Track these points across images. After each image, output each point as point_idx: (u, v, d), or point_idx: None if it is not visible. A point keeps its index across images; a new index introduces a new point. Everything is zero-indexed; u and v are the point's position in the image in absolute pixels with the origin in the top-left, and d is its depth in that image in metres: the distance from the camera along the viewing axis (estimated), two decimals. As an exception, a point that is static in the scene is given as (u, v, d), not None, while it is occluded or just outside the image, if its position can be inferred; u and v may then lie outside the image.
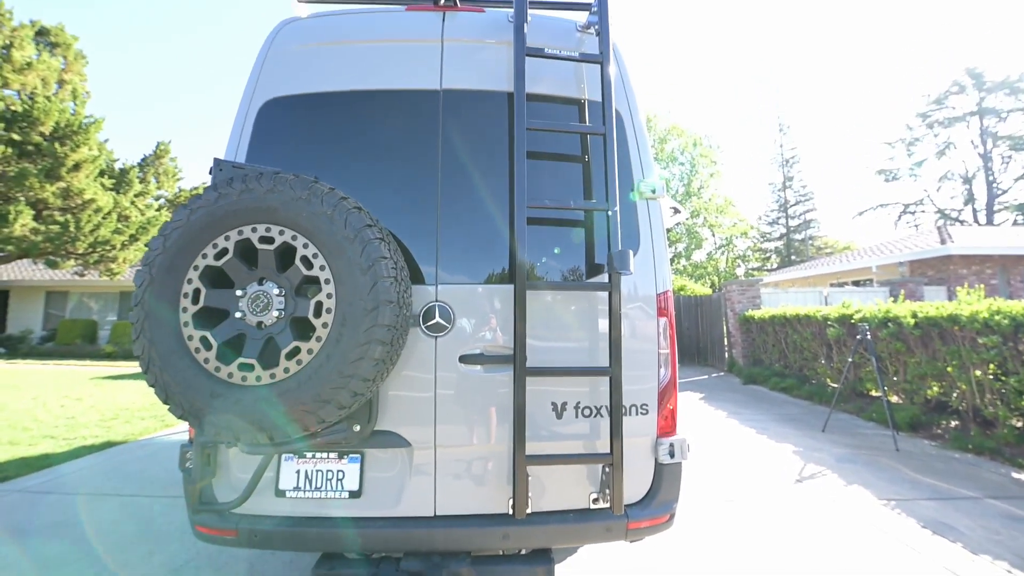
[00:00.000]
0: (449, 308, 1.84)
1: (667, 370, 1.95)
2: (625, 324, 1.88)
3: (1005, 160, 29.95)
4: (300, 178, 1.59)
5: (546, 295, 1.88)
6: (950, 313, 5.56)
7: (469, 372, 1.83)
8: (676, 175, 30.86)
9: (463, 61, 2.07)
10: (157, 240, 1.58)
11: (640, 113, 2.14)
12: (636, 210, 2.00)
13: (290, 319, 1.52)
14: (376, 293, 1.49)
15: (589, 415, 1.86)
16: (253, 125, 2.03)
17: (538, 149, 1.98)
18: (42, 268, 17.27)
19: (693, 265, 31.01)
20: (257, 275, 1.54)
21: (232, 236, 1.56)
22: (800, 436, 5.82)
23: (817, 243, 35.44)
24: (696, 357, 13.67)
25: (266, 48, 2.13)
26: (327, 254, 1.52)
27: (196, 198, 1.60)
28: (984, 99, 29.91)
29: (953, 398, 5.82)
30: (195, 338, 1.52)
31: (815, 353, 8.47)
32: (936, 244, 13.59)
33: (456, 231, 1.91)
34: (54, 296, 20.12)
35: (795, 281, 19.40)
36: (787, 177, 36.90)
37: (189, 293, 1.54)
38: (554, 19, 2.19)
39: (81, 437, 5.70)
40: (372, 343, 1.47)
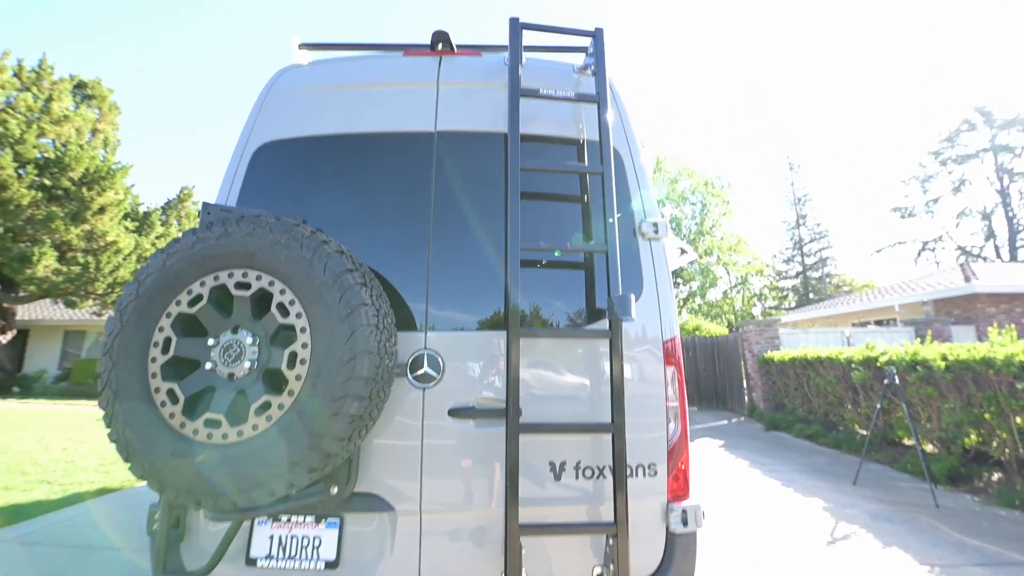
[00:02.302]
0: (439, 356, 1.72)
1: (677, 424, 1.78)
2: (629, 374, 1.74)
3: (1023, 196, 29.51)
4: (281, 221, 1.52)
5: (542, 343, 1.75)
6: (983, 356, 5.24)
7: (459, 427, 1.69)
8: (688, 214, 30.93)
9: (458, 103, 2.04)
10: (131, 286, 1.51)
11: (641, 152, 2.07)
12: (638, 251, 1.89)
13: (263, 371, 1.41)
14: (354, 342, 1.38)
15: (591, 476, 1.69)
16: (247, 169, 2.00)
17: (534, 190, 1.91)
18: (61, 308, 17.64)
19: (708, 304, 30.51)
20: (231, 323, 1.45)
21: (208, 282, 1.48)
22: (829, 490, 5.41)
23: (835, 281, 34.79)
24: (714, 401, 13.15)
25: (264, 93, 2.14)
26: (304, 301, 1.43)
27: (174, 242, 1.54)
28: (996, 136, 29.83)
29: (993, 447, 5.40)
30: (162, 391, 1.42)
31: (840, 398, 8.05)
32: (960, 282, 13.17)
33: (448, 275, 1.82)
34: (72, 336, 20.46)
35: (814, 321, 18.88)
36: (800, 215, 36.76)
37: (159, 342, 1.45)
38: (550, 62, 2.17)
39: (78, 483, 5.56)
40: (348, 398, 1.35)
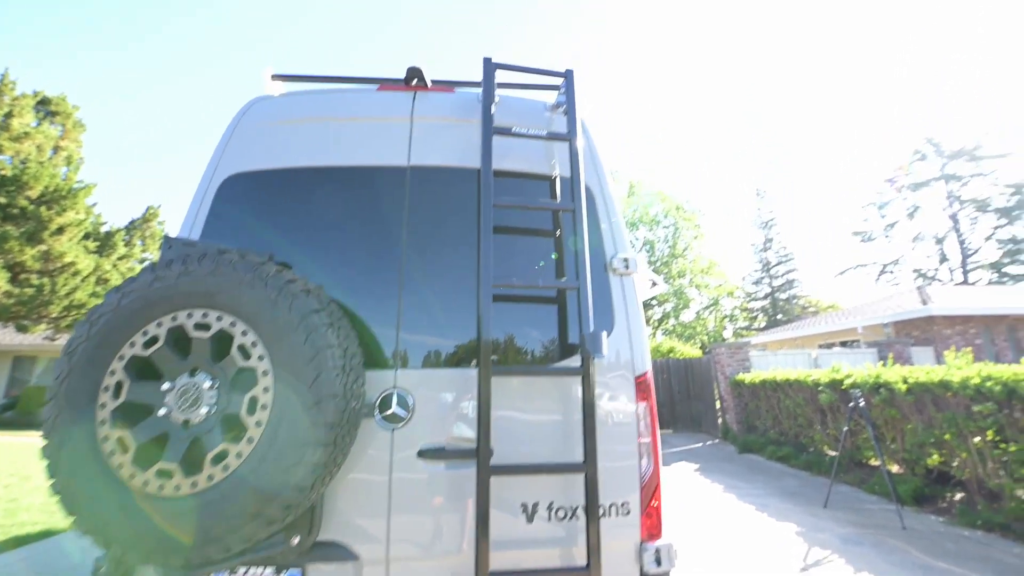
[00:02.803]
0: (408, 395, 1.68)
1: (650, 461, 1.78)
2: (601, 411, 1.73)
3: (972, 221, 31.32)
4: (245, 259, 1.48)
5: (514, 380, 1.73)
6: (941, 379, 5.45)
7: (429, 469, 1.64)
8: (661, 237, 31.66)
9: (432, 138, 2.05)
10: (82, 327, 1.43)
11: (611, 188, 2.11)
12: (610, 287, 1.91)
13: (220, 417, 1.35)
14: (319, 386, 1.33)
15: (564, 517, 1.66)
16: (212, 200, 1.95)
17: (507, 225, 1.92)
18: (11, 331, 16.68)
19: (682, 325, 31.04)
20: (188, 366, 1.39)
21: (165, 323, 1.42)
22: (802, 513, 5.47)
23: (801, 302, 35.92)
24: (689, 423, 13.26)
25: (234, 124, 2.10)
26: (267, 342, 1.38)
27: (130, 281, 1.47)
28: (945, 165, 31.74)
29: (955, 467, 5.58)
30: (111, 439, 1.34)
31: (809, 419, 8.23)
32: (918, 305, 13.78)
33: (419, 311, 1.79)
34: (22, 361, 19.24)
35: (783, 342, 19.39)
36: (767, 239, 38.04)
37: (110, 387, 1.37)
38: (523, 99, 2.21)
39: (19, 524, 5.16)
40: (311, 445, 1.30)
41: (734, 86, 63.21)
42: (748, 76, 62.64)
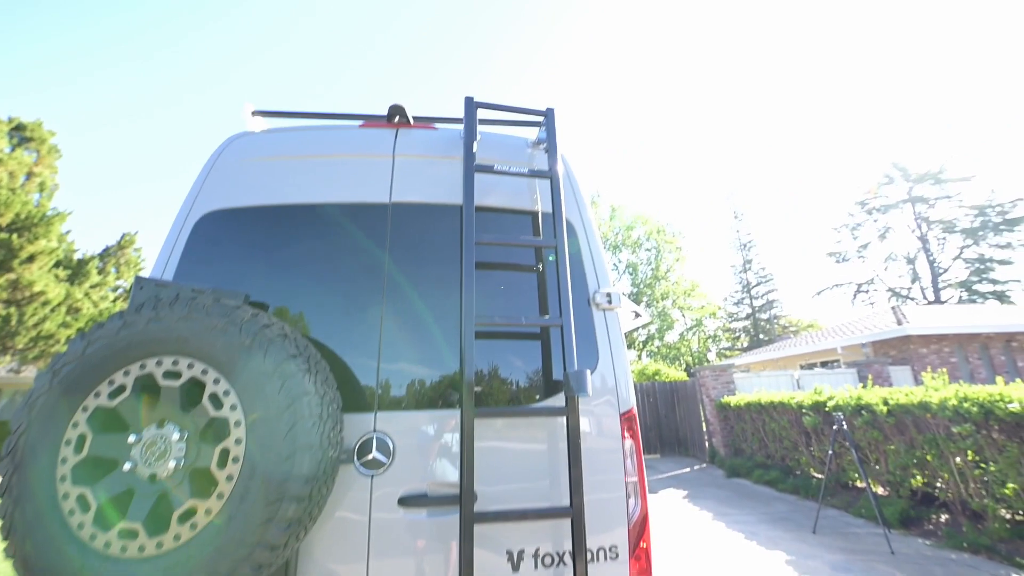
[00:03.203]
0: (389, 439, 1.63)
1: (637, 501, 1.74)
2: (586, 451, 1.69)
3: (941, 242, 32.47)
4: (220, 303, 1.44)
5: (498, 421, 1.70)
6: (920, 400, 5.54)
7: (409, 518, 1.58)
8: (643, 260, 32.12)
9: (414, 175, 2.05)
10: (44, 377, 1.37)
11: (593, 222, 2.13)
12: (593, 322, 1.90)
13: (189, 471, 1.29)
14: (294, 437, 1.28)
15: (551, 564, 1.61)
16: (188, 238, 1.91)
17: (490, 261, 1.92)
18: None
19: (667, 346, 31.25)
20: (156, 416, 1.33)
21: (133, 371, 1.36)
22: (791, 540, 5.43)
23: (782, 322, 36.53)
24: (676, 447, 13.19)
25: (212, 161, 2.08)
26: (240, 391, 1.33)
27: (97, 327, 1.41)
28: (912, 188, 33.05)
29: (939, 489, 5.63)
30: (71, 497, 1.26)
31: (795, 442, 8.26)
32: (894, 325, 14.11)
33: (400, 350, 1.76)
34: (-15, 395, 18.41)
35: (765, 363, 19.60)
36: (746, 260, 38.84)
37: (72, 440, 1.30)
38: (505, 136, 2.24)
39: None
40: (285, 500, 1.24)
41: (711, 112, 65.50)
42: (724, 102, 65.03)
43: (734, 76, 62.66)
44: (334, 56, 64.76)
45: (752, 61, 61.76)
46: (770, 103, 63.37)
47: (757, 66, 62.33)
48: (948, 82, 49.63)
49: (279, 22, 57.55)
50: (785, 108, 63.07)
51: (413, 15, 58.81)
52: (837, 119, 58.10)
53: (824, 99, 59.98)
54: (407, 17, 59.25)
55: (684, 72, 63.62)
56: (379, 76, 67.14)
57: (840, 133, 56.32)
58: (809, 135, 59.58)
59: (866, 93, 56.71)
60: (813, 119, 60.79)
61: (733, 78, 63.12)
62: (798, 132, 61.14)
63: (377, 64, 64.75)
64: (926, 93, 51.36)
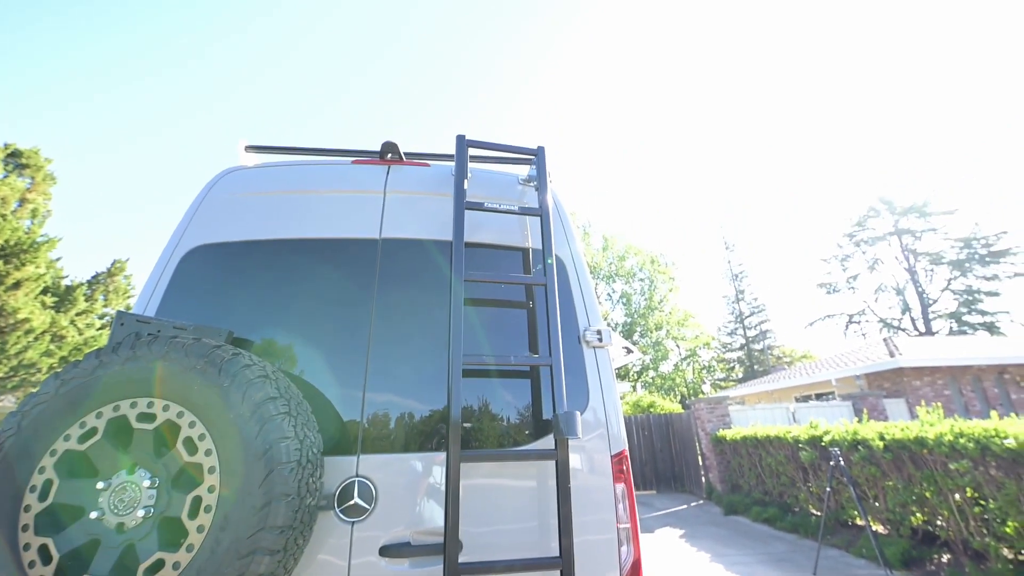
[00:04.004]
0: (371, 484, 1.57)
1: (629, 548, 1.68)
2: (576, 496, 1.64)
3: (928, 273, 32.95)
4: (200, 342, 1.40)
5: (484, 465, 1.65)
6: (916, 436, 5.49)
7: (391, 569, 1.50)
8: (637, 290, 32.29)
9: (405, 211, 2.05)
10: (12, 418, 1.31)
11: (583, 259, 2.13)
12: (583, 360, 1.88)
13: (159, 519, 1.23)
14: (270, 484, 1.23)
15: (540, 618, 1.53)
16: (173, 273, 1.88)
17: (479, 297, 1.90)
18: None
19: (661, 376, 31.05)
20: (128, 461, 1.27)
21: (106, 413, 1.31)
22: (791, 582, 5.25)
23: (775, 352, 36.51)
24: (672, 483, 12.89)
25: (202, 195, 2.07)
26: (216, 435, 1.28)
27: (71, 367, 1.37)
28: (898, 221, 33.75)
29: (939, 527, 5.50)
30: (32, 547, 1.20)
31: (792, 478, 8.11)
32: (886, 357, 14.12)
33: (385, 390, 1.71)
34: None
35: (760, 395, 19.47)
36: (739, 290, 39.12)
37: (38, 486, 1.25)
38: (496, 173, 2.26)
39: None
40: (257, 554, 1.18)
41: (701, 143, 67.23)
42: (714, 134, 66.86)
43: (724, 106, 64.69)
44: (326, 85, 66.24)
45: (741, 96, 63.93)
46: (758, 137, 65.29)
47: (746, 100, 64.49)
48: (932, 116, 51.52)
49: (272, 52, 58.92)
50: (772, 142, 65.01)
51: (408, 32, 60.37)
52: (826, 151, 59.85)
53: (813, 132, 61.94)
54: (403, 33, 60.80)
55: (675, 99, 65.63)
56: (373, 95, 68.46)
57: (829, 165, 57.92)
58: (797, 167, 61.23)
59: (854, 126, 58.66)
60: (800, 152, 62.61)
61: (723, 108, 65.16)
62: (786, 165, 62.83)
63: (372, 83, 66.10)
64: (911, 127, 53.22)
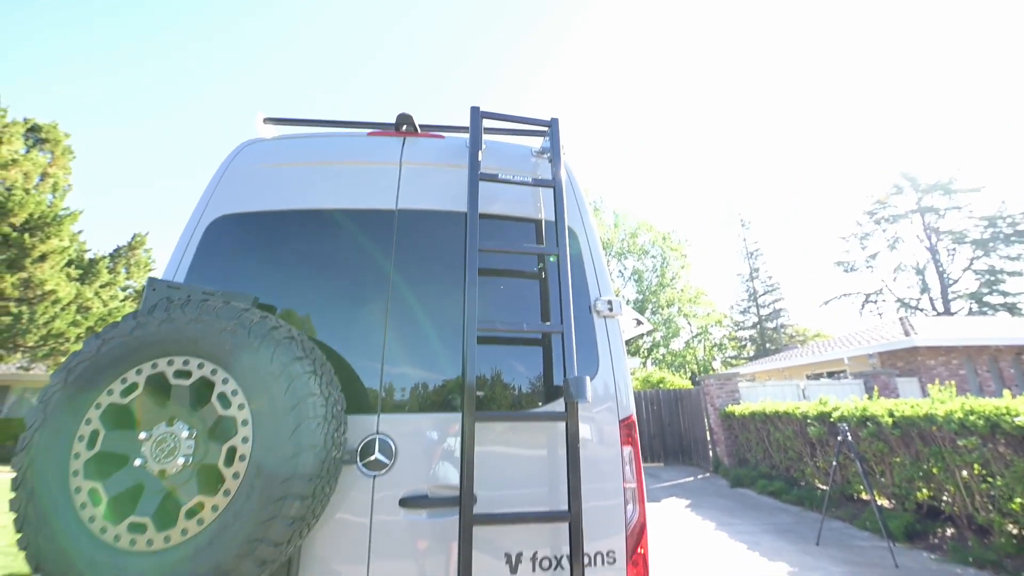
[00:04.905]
0: (391, 441, 1.66)
1: (635, 507, 1.76)
2: (585, 456, 1.72)
3: (950, 252, 32.19)
4: (229, 306, 1.48)
5: (498, 425, 1.73)
6: (926, 413, 5.50)
7: (410, 519, 1.61)
8: (649, 267, 32.08)
9: (420, 183, 2.09)
10: (59, 374, 1.41)
11: (595, 230, 2.16)
12: (594, 329, 1.93)
13: (197, 467, 1.32)
14: (299, 436, 1.32)
15: (549, 567, 1.62)
16: (200, 241, 1.96)
17: (493, 268, 1.95)
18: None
19: (672, 354, 31.12)
20: (167, 414, 1.37)
21: (145, 370, 1.40)
22: (794, 551, 5.39)
23: (789, 331, 36.29)
24: (680, 456, 13.11)
25: (224, 166, 2.13)
26: (248, 391, 1.37)
27: (111, 327, 1.46)
28: (921, 199, 32.83)
29: (944, 502, 5.57)
30: (83, 491, 1.30)
31: (799, 453, 8.20)
32: (901, 336, 13.98)
33: (403, 354, 1.79)
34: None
35: (771, 373, 19.46)
36: (753, 268, 38.70)
37: (85, 436, 1.34)
38: (510, 145, 2.28)
39: (-20, 569, 4.89)
40: (288, 498, 1.27)
41: (719, 118, 65.52)
42: (733, 108, 65.07)
43: (742, 83, 62.77)
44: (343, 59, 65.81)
45: (762, 70, 61.85)
46: (779, 111, 63.37)
47: (766, 74, 62.41)
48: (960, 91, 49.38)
49: (290, 27, 58.51)
50: (794, 116, 63.03)
51: (421, 19, 59.53)
52: (846, 127, 57.94)
53: (833, 107, 59.89)
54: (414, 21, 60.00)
55: (691, 77, 63.84)
56: (387, 79, 68.13)
57: (850, 141, 56.15)
58: (818, 143, 59.46)
59: (876, 102, 56.53)
60: (822, 127, 60.69)
61: (741, 85, 63.23)
62: (807, 140, 61.01)
63: (385, 67, 65.68)
64: (937, 102, 51.13)
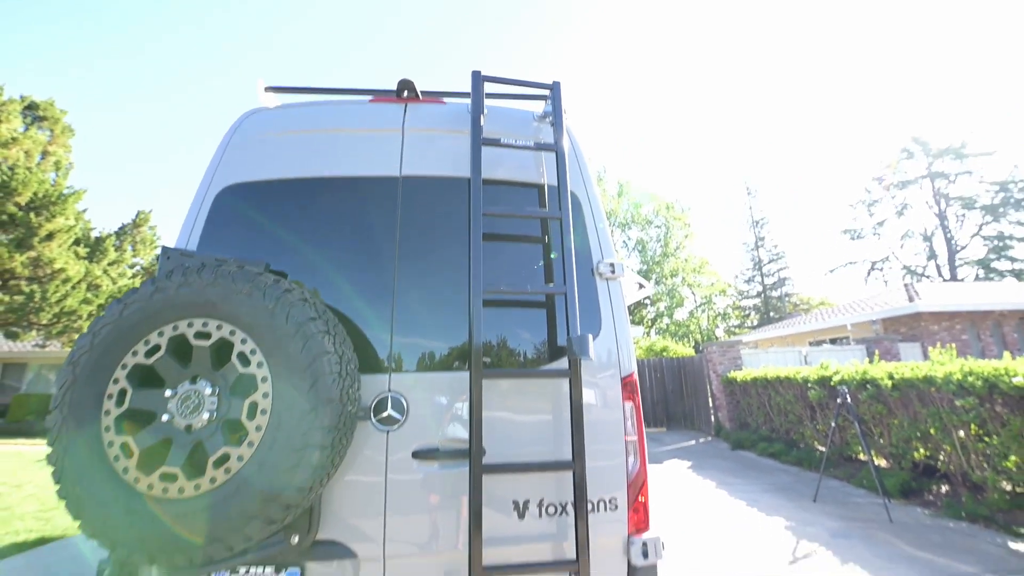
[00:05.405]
0: (402, 399, 1.74)
1: (636, 458, 1.85)
2: (588, 411, 1.79)
3: (959, 218, 31.80)
4: (243, 270, 1.53)
5: (504, 383, 1.80)
6: (925, 375, 5.58)
7: (423, 469, 1.70)
8: (653, 237, 31.89)
9: (423, 149, 2.11)
10: (85, 338, 1.48)
11: (597, 194, 2.18)
12: (596, 291, 1.98)
13: (222, 422, 1.40)
14: (316, 392, 1.39)
15: (554, 513, 1.73)
16: (208, 211, 2.00)
17: (496, 232, 1.98)
18: (1, 338, 16.51)
19: (676, 324, 31.27)
20: (190, 373, 1.44)
21: (166, 332, 1.47)
22: (792, 507, 5.58)
23: (793, 299, 36.28)
24: (683, 421, 13.38)
25: (229, 136, 2.15)
26: (265, 350, 1.43)
27: (131, 292, 1.52)
28: (932, 163, 32.20)
29: (940, 461, 5.71)
30: (115, 445, 1.39)
31: (799, 416, 8.36)
32: (905, 302, 13.99)
33: (412, 317, 1.85)
34: (11, 368, 19.09)
35: (774, 340, 19.59)
36: (759, 237, 38.38)
37: (114, 394, 1.42)
38: (512, 110, 2.28)
39: (14, 531, 5.15)
40: (309, 448, 1.35)
41: (723, 83, 63.79)
42: (737, 73, 63.25)
43: (750, 46, 60.77)
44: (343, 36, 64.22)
45: (770, 33, 59.73)
46: (787, 77, 61.56)
47: (775, 38, 60.31)
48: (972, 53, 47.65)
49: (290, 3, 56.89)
50: (803, 82, 61.24)
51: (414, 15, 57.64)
52: (857, 93, 56.35)
53: (843, 70, 58.08)
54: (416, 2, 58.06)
55: (697, 42, 61.83)
56: (388, 56, 66.59)
57: (860, 107, 54.68)
58: (828, 110, 57.96)
59: (887, 65, 54.76)
60: (832, 93, 59.04)
61: (749, 48, 61.24)
62: (816, 107, 59.46)
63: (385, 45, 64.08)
64: (949, 64, 49.46)
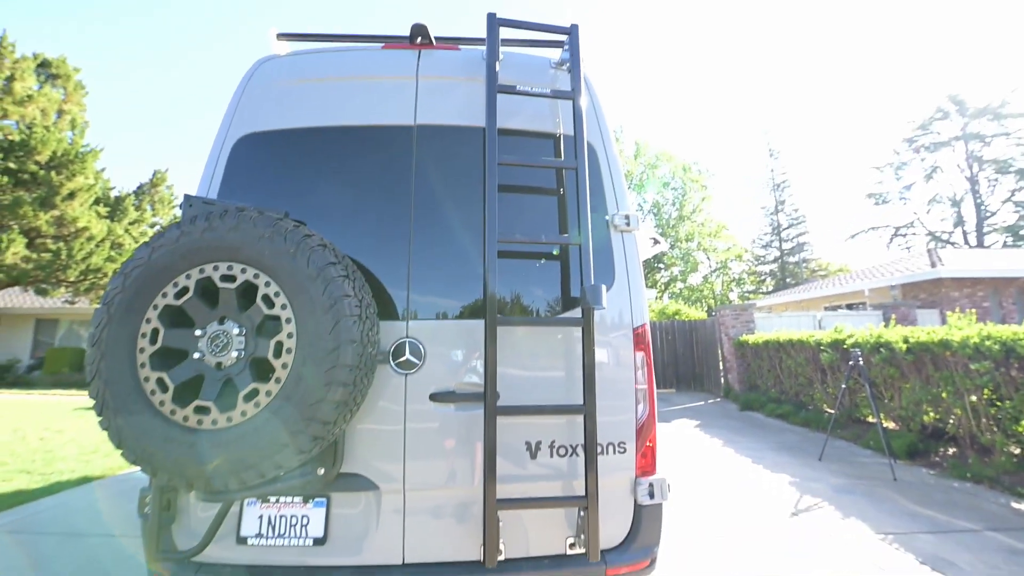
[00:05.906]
0: (420, 344, 1.80)
1: (645, 405, 1.90)
2: (600, 358, 1.84)
3: (992, 183, 30.51)
4: (264, 215, 1.57)
5: (519, 330, 1.84)
6: (941, 338, 5.53)
7: (440, 411, 1.78)
8: (668, 199, 31.26)
9: (437, 97, 2.08)
10: (117, 279, 1.55)
11: (614, 146, 2.15)
12: (611, 243, 1.98)
13: (250, 359, 1.48)
14: (338, 332, 1.45)
15: (565, 454, 1.80)
16: (227, 160, 2.02)
17: (511, 183, 1.98)
18: (32, 295, 17.12)
19: (689, 288, 31.10)
20: (217, 314, 1.51)
21: (193, 275, 1.53)
22: (797, 465, 5.70)
23: (811, 265, 35.66)
24: (692, 383, 13.53)
25: (243, 85, 2.14)
26: (288, 293, 1.49)
27: (159, 236, 1.58)
28: (968, 124, 30.63)
29: (949, 424, 5.74)
30: (151, 380, 1.47)
31: (810, 379, 8.39)
32: (927, 267, 13.68)
33: (428, 265, 1.89)
34: (44, 324, 19.89)
35: (788, 305, 19.41)
36: (779, 201, 37.40)
37: (147, 333, 1.50)
38: (528, 56, 2.22)
39: (58, 472, 5.53)
40: (333, 384, 1.42)
41: (746, 40, 60.59)
42: (762, 30, 59.91)
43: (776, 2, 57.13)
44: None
45: (802, -22, 55.91)
46: (814, 29, 58.07)
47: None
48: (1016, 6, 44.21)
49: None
50: (831, 34, 57.79)
51: None
52: (890, 47, 53.09)
53: (876, 24, 54.58)
54: None
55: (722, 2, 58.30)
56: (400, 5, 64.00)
57: (893, 63, 51.67)
58: (858, 66, 54.88)
59: (923, 17, 51.23)
60: (863, 47, 55.72)
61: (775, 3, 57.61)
62: (845, 62, 56.33)
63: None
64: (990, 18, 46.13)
